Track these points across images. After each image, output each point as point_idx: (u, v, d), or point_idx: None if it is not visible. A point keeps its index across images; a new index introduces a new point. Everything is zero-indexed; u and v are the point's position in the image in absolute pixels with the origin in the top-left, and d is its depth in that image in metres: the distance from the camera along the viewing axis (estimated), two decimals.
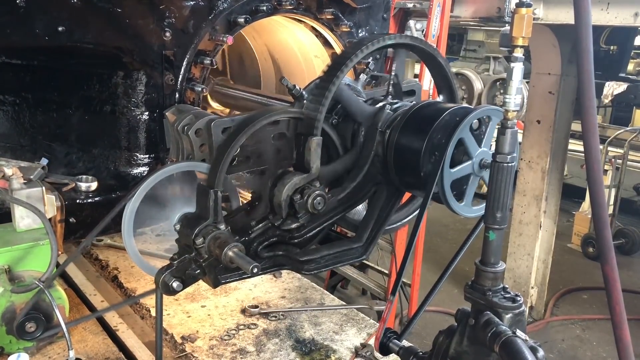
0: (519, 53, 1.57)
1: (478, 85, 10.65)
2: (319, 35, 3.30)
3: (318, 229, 2.29)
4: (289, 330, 3.33)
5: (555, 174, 5.73)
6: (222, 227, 2.13)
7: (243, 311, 3.51)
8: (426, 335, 5.77)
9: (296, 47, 3.56)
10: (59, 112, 2.84)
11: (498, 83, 10.28)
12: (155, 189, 2.32)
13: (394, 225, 2.59)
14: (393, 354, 2.17)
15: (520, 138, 6.12)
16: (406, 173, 2.27)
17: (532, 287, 5.95)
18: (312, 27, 3.23)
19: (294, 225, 2.21)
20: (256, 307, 3.52)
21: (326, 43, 3.31)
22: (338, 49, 3.26)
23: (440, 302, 6.14)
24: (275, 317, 3.47)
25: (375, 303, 4.90)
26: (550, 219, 5.83)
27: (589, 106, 1.63)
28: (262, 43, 3.83)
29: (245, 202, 2.42)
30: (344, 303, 3.73)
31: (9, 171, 2.17)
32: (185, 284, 2.15)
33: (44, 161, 2.79)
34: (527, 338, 1.51)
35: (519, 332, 1.52)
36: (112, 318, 3.39)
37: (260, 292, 3.74)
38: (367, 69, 2.83)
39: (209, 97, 3.70)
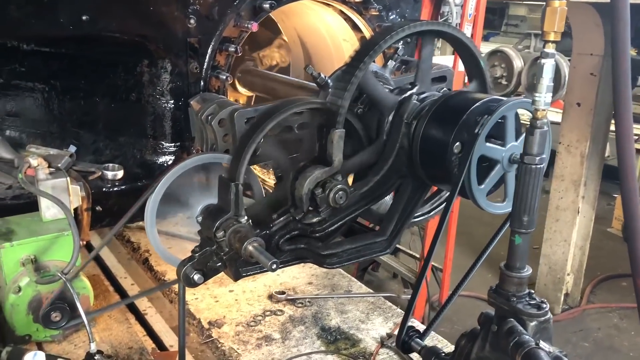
0: (550, 49, 1.48)
1: (518, 63, 10.30)
2: (347, 19, 3.22)
3: (340, 223, 2.25)
4: (314, 317, 3.32)
5: (595, 158, 5.51)
6: (243, 220, 2.11)
7: (270, 297, 3.52)
8: (457, 321, 5.70)
9: (325, 31, 3.49)
10: (87, 99, 2.85)
11: (539, 61, 9.93)
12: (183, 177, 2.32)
13: (420, 219, 2.53)
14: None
15: (559, 119, 5.91)
16: (432, 166, 2.20)
17: (568, 274, 5.79)
18: (340, 10, 3.15)
19: (315, 220, 2.18)
20: (283, 293, 3.52)
21: (355, 27, 3.23)
22: (367, 32, 3.18)
23: (474, 287, 6.03)
24: (302, 303, 3.47)
25: (404, 291, 4.85)
26: (589, 204, 5.62)
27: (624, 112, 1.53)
28: (291, 26, 3.77)
29: (268, 192, 2.39)
30: (371, 291, 3.70)
31: (34, 162, 2.19)
32: (207, 276, 2.14)
33: (72, 148, 2.82)
34: (551, 349, 1.45)
35: (542, 344, 1.45)
36: (141, 302, 3.44)
37: (287, 277, 3.73)
38: (396, 55, 2.74)
39: (236, 81, 3.67)
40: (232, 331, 3.16)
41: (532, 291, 1.65)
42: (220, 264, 2.14)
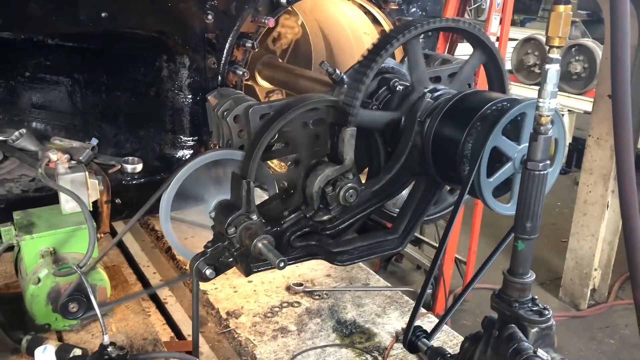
0: (555, 54, 1.45)
1: None
2: (367, 12, 3.20)
3: (351, 220, 2.26)
4: (331, 310, 3.35)
5: None
6: (255, 217, 2.13)
7: (288, 288, 3.56)
8: (480, 313, 5.65)
9: (345, 24, 3.47)
10: (108, 93, 2.91)
11: (573, 49, 9.68)
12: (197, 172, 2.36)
13: (433, 217, 2.52)
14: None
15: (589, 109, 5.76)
16: (444, 166, 2.18)
17: (596, 269, 5.68)
18: (360, 4, 3.13)
19: (325, 217, 2.19)
20: (301, 284, 3.56)
21: (375, 20, 3.21)
22: (387, 26, 3.15)
23: (497, 280, 6.01)
24: (319, 295, 3.50)
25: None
26: (618, 198, 5.51)
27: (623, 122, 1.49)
28: (312, 19, 3.76)
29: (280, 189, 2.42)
30: (388, 284, 3.71)
31: (54, 156, 2.25)
32: (219, 271, 2.18)
33: (94, 141, 2.89)
34: (550, 357, 1.44)
35: (540, 352, 1.45)
36: (162, 290, 3.53)
37: (306, 269, 3.77)
38: None
39: (256, 74, 3.69)
40: (249, 322, 3.21)
41: (536, 297, 1.64)
42: (231, 259, 2.18)
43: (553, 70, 1.46)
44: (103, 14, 2.40)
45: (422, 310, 3.39)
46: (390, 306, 3.41)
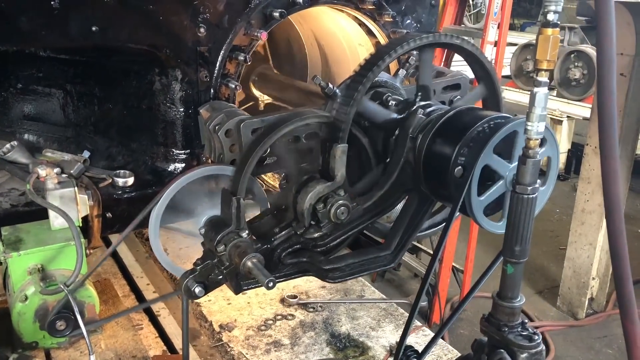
0: (543, 77, 1.43)
1: None
2: (361, 24, 3.18)
3: (342, 238, 2.24)
4: (325, 323, 3.33)
5: (624, 161, 5.36)
6: (244, 234, 2.12)
7: (282, 300, 3.54)
8: (477, 323, 5.62)
9: (340, 35, 3.46)
10: (100, 106, 2.89)
11: (572, 55, 9.66)
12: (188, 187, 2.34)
13: (426, 232, 2.50)
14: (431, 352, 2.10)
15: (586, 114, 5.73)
16: (435, 183, 2.16)
17: (593, 278, 5.65)
18: (354, 16, 3.12)
19: (316, 235, 2.17)
20: (295, 297, 3.54)
21: (369, 32, 3.19)
22: (381, 38, 3.13)
23: (496, 288, 5.98)
24: (314, 308, 3.48)
25: None
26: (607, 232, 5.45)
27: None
28: (308, 28, 3.75)
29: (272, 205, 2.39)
30: (384, 296, 3.69)
31: (42, 172, 2.23)
32: (208, 288, 2.16)
33: (86, 154, 2.87)
34: None
35: None
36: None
37: (301, 280, 3.75)
38: (408, 64, 2.70)
39: (251, 84, 3.67)
40: (242, 335, 3.19)
41: (526, 321, 1.62)
42: (221, 277, 2.16)
43: (541, 94, 1.44)
44: (93, 28, 2.38)
45: (417, 323, 3.37)
46: (385, 319, 3.39)
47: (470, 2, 12.00)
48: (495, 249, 2.14)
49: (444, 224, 2.36)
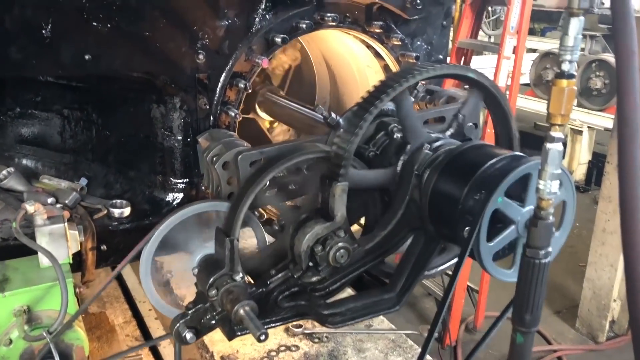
0: (557, 132, 1.29)
1: None
2: (369, 46, 3.06)
3: (343, 281, 2.11)
4: (330, 355, 3.21)
5: None
6: (238, 277, 2.00)
7: (286, 329, 3.41)
8: (492, 344, 5.47)
9: (348, 56, 3.34)
10: (98, 132, 2.81)
11: (594, 65, 9.43)
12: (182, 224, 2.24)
13: (433, 271, 2.36)
14: None
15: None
16: (441, 224, 2.03)
17: (614, 301, 5.45)
18: (362, 38, 2.99)
19: (314, 279, 2.05)
20: (300, 326, 3.42)
21: (377, 54, 3.07)
22: (389, 61, 3.01)
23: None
24: (319, 338, 3.36)
25: (426, 329, 4.65)
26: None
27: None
28: (315, 48, 3.64)
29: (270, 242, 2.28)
30: (393, 326, 3.55)
31: (30, 208, 2.14)
32: (200, 333, 2.05)
33: (84, 181, 2.78)
34: None
35: None
36: (157, 330, 3.41)
37: None
38: (416, 90, 2.58)
39: (257, 106, 3.57)
40: None
41: None
42: (214, 322, 2.05)
43: (555, 151, 1.30)
44: (86, 57, 2.29)
45: (428, 358, 3.23)
46: (394, 351, 3.25)
47: (489, 9, 11.78)
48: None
49: (453, 261, 2.23)
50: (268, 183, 2.16)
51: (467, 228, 1.72)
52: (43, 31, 2.20)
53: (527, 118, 10.54)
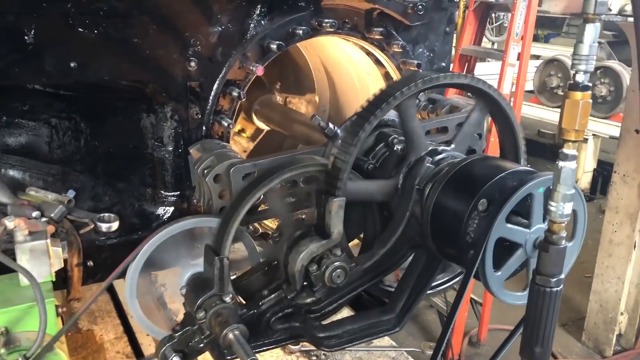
0: (570, 149, 1.17)
1: None
2: (369, 53, 2.95)
3: (339, 302, 1.99)
4: None
5: None
6: (228, 299, 1.89)
7: (283, 347, 3.29)
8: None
9: (348, 64, 3.24)
10: (87, 143, 2.70)
11: (599, 72, 9.30)
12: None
13: (434, 290, 2.25)
14: None
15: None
16: (444, 242, 1.91)
17: (622, 314, 5.32)
18: (361, 46, 2.89)
19: (309, 300, 1.94)
20: (297, 343, 3.29)
21: (377, 62, 2.96)
22: (390, 69, 2.90)
23: (513, 320, 5.67)
24: (317, 356, 3.24)
25: (429, 345, 4.53)
26: None
27: None
28: (315, 55, 3.53)
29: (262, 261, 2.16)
30: (393, 343, 3.43)
31: (10, 224, 2.04)
32: (188, 357, 1.93)
33: (72, 193, 2.66)
34: None
35: None
36: (149, 346, 3.29)
37: None
38: (418, 100, 2.47)
39: (253, 114, 3.46)
40: None
41: None
42: (202, 345, 1.93)
43: (568, 169, 1.19)
44: (72, 64, 2.19)
45: None
46: None
47: (493, 15, 11.69)
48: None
49: (458, 288, 2.10)
50: (262, 197, 2.05)
51: (471, 251, 1.61)
52: (26, 37, 2.10)
53: (531, 125, 10.41)
